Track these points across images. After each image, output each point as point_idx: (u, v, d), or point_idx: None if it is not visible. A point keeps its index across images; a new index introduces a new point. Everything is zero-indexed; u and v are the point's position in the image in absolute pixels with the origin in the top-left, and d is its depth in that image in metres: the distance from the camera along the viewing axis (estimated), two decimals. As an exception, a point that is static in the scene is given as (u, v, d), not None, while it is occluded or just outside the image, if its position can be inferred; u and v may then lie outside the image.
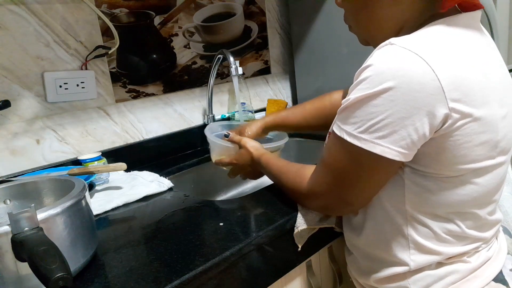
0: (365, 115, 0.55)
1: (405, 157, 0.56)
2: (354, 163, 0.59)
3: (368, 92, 0.54)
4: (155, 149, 1.23)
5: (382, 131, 0.55)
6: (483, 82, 0.57)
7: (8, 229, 0.51)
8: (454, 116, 0.54)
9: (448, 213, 0.62)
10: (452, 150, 0.56)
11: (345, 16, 0.72)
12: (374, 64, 0.55)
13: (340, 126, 0.60)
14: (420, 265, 0.64)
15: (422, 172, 0.60)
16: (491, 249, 0.68)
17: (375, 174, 0.60)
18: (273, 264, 0.74)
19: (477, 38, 0.61)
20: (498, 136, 0.59)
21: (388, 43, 0.56)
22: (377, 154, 0.56)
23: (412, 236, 0.63)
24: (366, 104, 0.55)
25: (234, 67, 1.15)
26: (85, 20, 1.06)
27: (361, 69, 0.57)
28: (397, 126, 0.54)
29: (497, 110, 0.58)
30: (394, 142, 0.55)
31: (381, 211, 0.65)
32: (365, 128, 0.56)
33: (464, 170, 0.59)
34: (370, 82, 0.54)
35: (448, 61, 0.54)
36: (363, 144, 0.56)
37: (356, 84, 0.57)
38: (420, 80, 0.52)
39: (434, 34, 0.58)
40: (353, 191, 0.63)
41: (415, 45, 0.54)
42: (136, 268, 0.61)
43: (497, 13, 1.30)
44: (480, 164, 0.59)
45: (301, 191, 0.71)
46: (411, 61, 0.53)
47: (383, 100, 0.53)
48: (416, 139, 0.55)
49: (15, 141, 0.99)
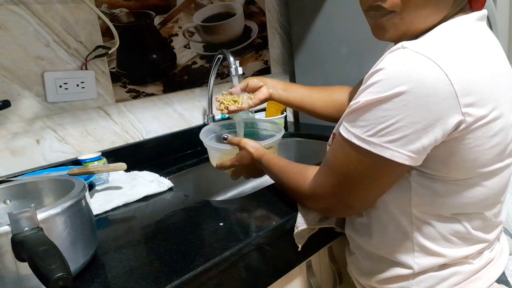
0: (375, 118, 0.55)
1: (414, 162, 0.56)
2: (361, 166, 0.59)
3: (379, 96, 0.54)
4: (155, 149, 1.23)
5: (392, 135, 0.54)
6: (494, 85, 0.56)
7: (8, 229, 0.51)
8: (468, 121, 0.53)
9: (454, 214, 0.62)
10: (463, 153, 0.56)
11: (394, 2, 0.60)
12: (385, 68, 0.54)
13: (348, 128, 0.59)
14: (424, 268, 0.63)
15: (430, 175, 0.59)
16: (494, 250, 0.68)
17: (382, 178, 0.60)
18: (273, 264, 0.74)
19: (486, 39, 0.61)
20: (508, 139, 0.58)
21: (400, 47, 0.55)
22: (386, 158, 0.55)
23: (417, 238, 0.63)
24: (377, 107, 0.54)
25: (234, 67, 1.14)
26: (85, 20, 1.06)
27: (372, 73, 0.56)
28: (408, 131, 0.53)
29: (508, 113, 0.58)
30: (404, 146, 0.54)
31: (386, 213, 0.65)
32: (374, 132, 0.55)
33: (473, 173, 0.58)
34: (382, 86, 0.54)
35: (461, 65, 0.53)
36: (372, 148, 0.56)
37: (366, 87, 0.56)
38: (433, 85, 0.51)
39: (446, 37, 0.57)
40: (357, 195, 0.63)
41: (427, 49, 0.53)
42: (136, 268, 0.61)
43: (497, 13, 1.30)
44: (489, 167, 0.58)
45: (303, 192, 0.70)
46: (424, 66, 0.52)
47: (395, 105, 0.53)
48: (427, 144, 0.54)
49: (15, 141, 0.99)
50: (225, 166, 0.92)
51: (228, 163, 0.91)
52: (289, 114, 1.70)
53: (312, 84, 1.50)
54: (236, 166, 0.91)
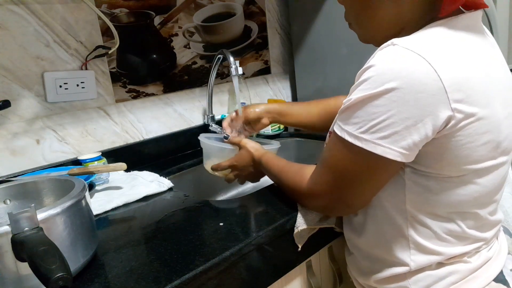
0: (367, 115, 0.55)
1: (406, 158, 0.56)
2: (355, 163, 0.59)
3: (370, 92, 0.54)
4: (155, 149, 1.23)
5: (384, 131, 0.54)
6: (486, 83, 0.57)
7: (8, 229, 0.51)
8: (457, 117, 0.54)
9: (448, 213, 0.62)
10: (455, 150, 0.56)
11: (345, 14, 0.71)
12: (376, 65, 0.55)
13: (341, 126, 0.59)
14: (421, 266, 0.64)
15: (423, 172, 0.60)
16: (492, 249, 0.68)
17: (376, 175, 0.60)
18: (273, 264, 0.74)
19: (479, 39, 0.61)
20: (500, 137, 0.59)
21: (390, 44, 0.56)
22: (378, 155, 0.56)
23: (413, 236, 0.63)
24: (368, 104, 0.55)
25: (234, 67, 1.14)
26: (85, 20, 1.06)
27: (363, 70, 0.57)
28: (399, 127, 0.54)
29: (500, 110, 0.58)
30: (396, 142, 0.55)
31: (381, 211, 0.65)
32: (366, 129, 0.56)
33: (466, 170, 0.59)
34: (372, 83, 0.54)
35: (450, 62, 0.54)
36: (364, 145, 0.56)
37: (358, 85, 0.57)
38: (423, 81, 0.52)
39: (436, 35, 0.57)
40: (353, 192, 0.63)
41: (417, 46, 0.54)
42: (136, 268, 0.61)
43: (497, 13, 1.30)
44: (482, 164, 0.59)
45: (301, 190, 0.71)
46: (414, 62, 0.53)
47: (385, 101, 0.53)
48: (418, 140, 0.55)
49: (15, 141, 0.99)
50: (222, 166, 0.92)
51: (227, 163, 0.91)
52: (289, 114, 1.70)
53: (312, 84, 1.51)
54: (234, 166, 0.91)
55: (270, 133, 1.40)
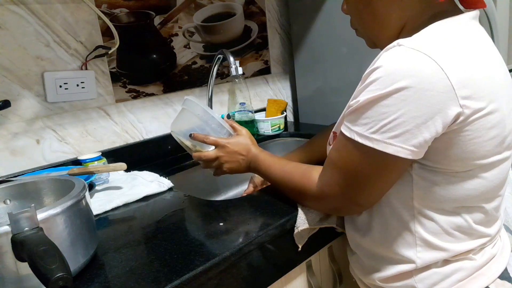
0: (377, 115, 0.56)
1: (416, 155, 0.57)
2: (366, 164, 0.59)
3: (380, 93, 0.55)
4: (155, 149, 1.23)
5: (394, 130, 0.55)
6: (490, 80, 0.57)
7: (8, 229, 0.51)
8: (466, 113, 0.54)
9: (455, 208, 0.63)
10: (462, 145, 0.57)
11: (351, 22, 0.73)
12: (384, 65, 0.55)
13: (350, 127, 0.60)
14: (427, 263, 0.64)
15: (431, 167, 0.60)
16: (495, 246, 0.68)
17: (387, 174, 0.60)
18: (273, 264, 0.74)
19: (480, 38, 0.62)
20: (505, 131, 0.60)
21: (396, 45, 0.56)
22: (390, 154, 0.56)
23: (419, 232, 0.63)
24: (377, 104, 0.55)
25: (234, 67, 1.15)
26: (85, 20, 1.06)
27: (370, 71, 0.57)
28: (410, 125, 0.54)
29: (505, 106, 0.59)
30: (407, 141, 0.55)
31: (388, 208, 0.65)
32: (377, 129, 0.56)
33: (473, 165, 0.59)
34: (381, 83, 0.55)
35: (456, 60, 0.55)
36: (375, 145, 0.56)
37: (366, 86, 0.57)
38: (431, 79, 0.53)
39: (440, 34, 0.58)
40: (365, 192, 0.63)
41: (423, 46, 0.55)
42: (136, 268, 0.61)
43: (497, 13, 1.30)
44: (488, 159, 0.59)
45: (310, 193, 0.70)
46: (421, 61, 0.53)
47: (395, 100, 0.54)
48: (429, 137, 0.55)
49: (15, 141, 0.99)
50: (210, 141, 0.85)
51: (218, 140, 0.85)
52: (289, 114, 1.70)
53: (312, 84, 1.51)
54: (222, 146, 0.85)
55: (270, 133, 1.40)
